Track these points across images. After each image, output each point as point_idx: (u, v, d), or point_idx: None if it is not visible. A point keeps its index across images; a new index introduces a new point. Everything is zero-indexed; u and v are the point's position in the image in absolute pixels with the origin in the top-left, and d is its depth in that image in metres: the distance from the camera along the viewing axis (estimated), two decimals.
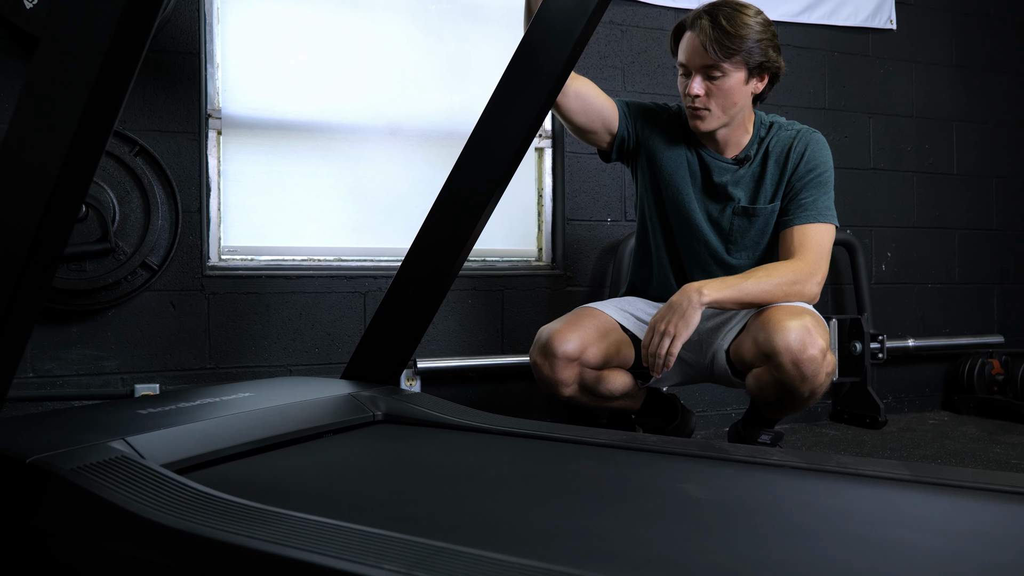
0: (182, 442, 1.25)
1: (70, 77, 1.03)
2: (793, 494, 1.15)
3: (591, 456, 1.35)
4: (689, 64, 1.90)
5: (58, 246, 1.10)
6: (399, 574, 0.77)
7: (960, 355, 3.23)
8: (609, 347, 1.97)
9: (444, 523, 1.02)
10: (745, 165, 2.01)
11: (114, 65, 1.02)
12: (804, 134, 2.01)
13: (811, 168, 1.98)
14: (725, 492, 1.17)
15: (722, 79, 1.89)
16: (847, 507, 1.09)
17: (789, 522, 1.03)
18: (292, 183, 2.50)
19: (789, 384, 1.78)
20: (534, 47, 1.68)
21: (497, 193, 1.74)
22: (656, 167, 2.05)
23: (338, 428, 1.48)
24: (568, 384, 1.93)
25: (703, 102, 1.90)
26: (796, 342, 1.74)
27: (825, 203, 1.98)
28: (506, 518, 1.04)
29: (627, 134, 2.03)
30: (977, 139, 3.38)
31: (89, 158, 1.07)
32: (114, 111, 1.06)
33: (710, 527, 1.01)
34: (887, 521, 1.03)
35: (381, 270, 2.51)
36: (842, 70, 3.14)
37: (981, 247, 3.37)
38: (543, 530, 0.99)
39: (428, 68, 2.66)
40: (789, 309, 1.83)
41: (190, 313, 2.31)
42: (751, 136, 2.02)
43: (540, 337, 1.97)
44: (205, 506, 0.97)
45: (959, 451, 2.49)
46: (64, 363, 2.20)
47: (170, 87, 2.29)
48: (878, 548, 0.92)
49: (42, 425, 1.32)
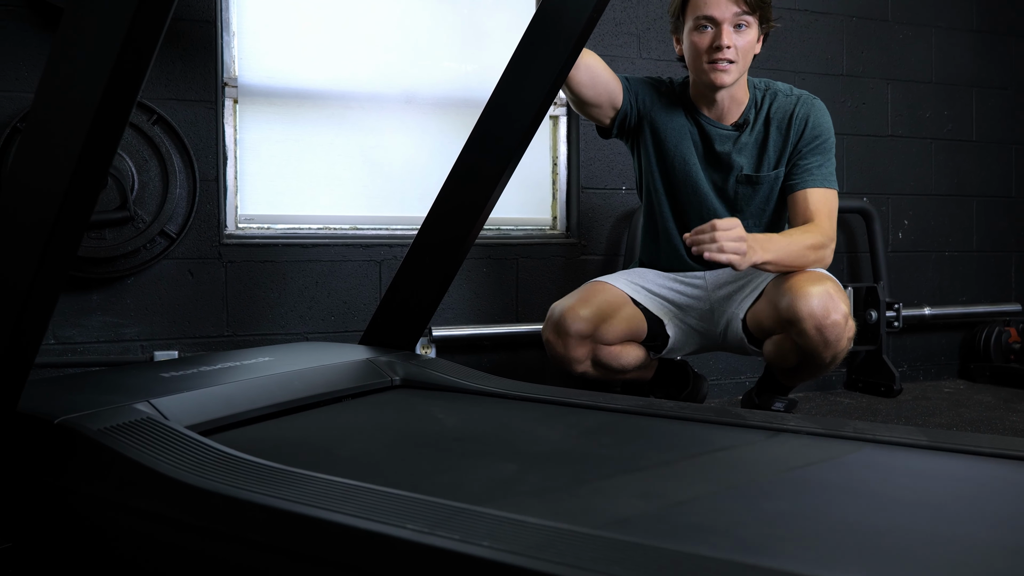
0: (204, 405, 1.27)
1: (94, 48, 1.03)
2: (809, 458, 1.16)
3: (608, 421, 1.37)
4: (720, 15, 1.89)
5: (84, 215, 1.11)
6: (422, 533, 0.79)
7: (976, 323, 3.22)
8: (621, 322, 1.97)
9: (463, 486, 1.04)
10: (745, 131, 2.01)
11: (137, 35, 1.02)
12: (806, 100, 2.01)
13: (816, 135, 1.98)
14: (740, 456, 1.18)
15: (746, 31, 1.92)
16: (863, 470, 1.10)
17: (805, 484, 1.04)
18: (308, 151, 2.51)
19: (812, 350, 1.79)
20: (551, 14, 1.67)
21: (513, 162, 1.74)
22: (660, 139, 2.04)
23: (357, 392, 1.50)
24: (581, 361, 1.94)
25: (732, 54, 1.89)
26: (819, 308, 1.76)
27: (829, 169, 2.01)
28: (523, 480, 1.05)
29: (630, 108, 2.03)
30: (997, 105, 3.34)
31: (114, 128, 1.07)
32: (138, 81, 1.07)
33: (727, 491, 1.02)
34: (903, 483, 1.04)
35: (396, 238, 2.52)
36: (860, 35, 3.10)
37: (999, 215, 3.35)
38: (561, 492, 1.00)
39: (443, 36, 2.65)
40: (810, 275, 1.83)
41: (208, 281, 2.33)
42: (748, 100, 2.01)
43: (552, 314, 1.97)
44: (229, 466, 1.00)
45: (975, 419, 2.49)
46: (85, 330, 2.23)
47: (187, 55, 2.29)
48: (891, 507, 0.93)
49: (68, 388, 1.34)
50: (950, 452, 1.17)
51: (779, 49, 2.96)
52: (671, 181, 2.06)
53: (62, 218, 1.07)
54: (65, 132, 1.05)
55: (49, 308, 1.14)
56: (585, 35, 1.68)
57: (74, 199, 1.07)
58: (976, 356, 3.19)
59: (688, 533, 0.85)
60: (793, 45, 2.99)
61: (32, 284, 1.08)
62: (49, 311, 1.14)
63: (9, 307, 1.09)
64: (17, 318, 1.09)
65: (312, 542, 0.85)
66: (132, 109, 1.10)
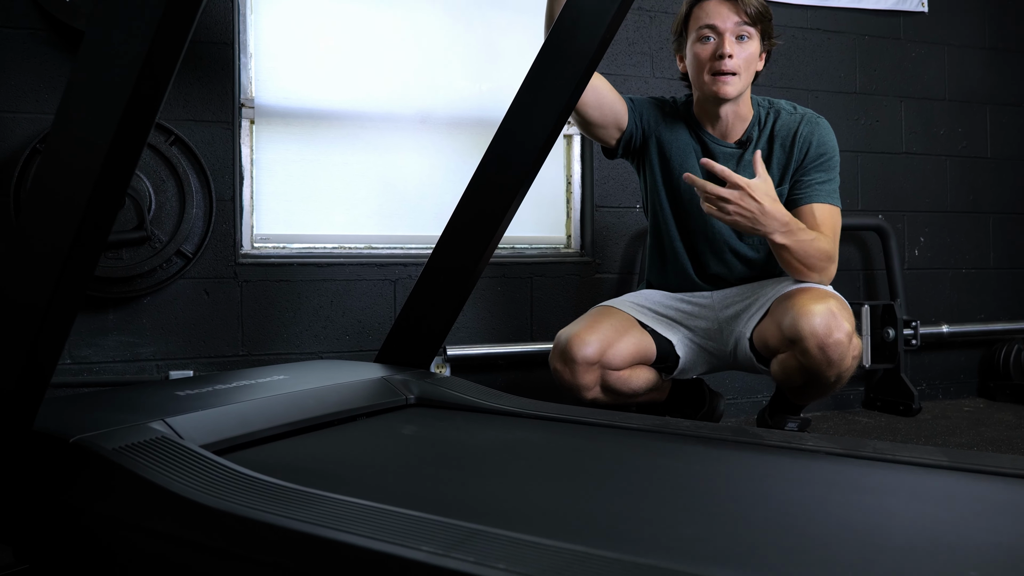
0: (219, 423, 1.27)
1: (114, 70, 1.05)
2: (828, 479, 1.15)
3: (624, 441, 1.36)
4: (722, 25, 1.91)
5: (102, 235, 1.11)
6: (437, 555, 0.78)
7: (995, 341, 3.19)
8: (629, 345, 1.96)
9: (479, 506, 1.03)
10: (748, 148, 2.01)
11: (157, 58, 1.04)
12: (810, 118, 2.01)
13: (821, 153, 1.98)
14: (758, 478, 1.17)
15: (748, 42, 1.93)
16: (883, 492, 1.09)
17: (821, 506, 1.03)
18: (323, 171, 2.53)
19: (815, 369, 1.78)
20: (565, 34, 1.68)
21: (527, 181, 1.74)
22: (665, 159, 2.05)
23: (371, 411, 1.49)
24: (590, 388, 1.92)
25: (735, 64, 1.90)
26: (822, 326, 1.74)
27: (834, 186, 2.00)
28: (539, 501, 1.05)
29: (635, 129, 2.03)
30: (1011, 122, 3.32)
31: (132, 149, 1.08)
32: (157, 103, 1.08)
33: (738, 512, 1.01)
34: (925, 505, 1.03)
35: (411, 257, 2.53)
36: (873, 54, 3.10)
37: (1016, 231, 3.32)
38: (577, 513, 1.00)
39: (457, 56, 2.67)
40: (813, 293, 1.82)
41: (223, 300, 2.34)
42: (752, 118, 2.01)
43: (559, 342, 1.95)
44: (244, 486, 0.99)
45: (996, 438, 2.46)
46: (100, 350, 2.24)
47: (204, 77, 2.31)
48: (913, 530, 0.92)
49: (83, 406, 1.35)
50: (972, 473, 1.15)
51: (792, 67, 2.96)
52: (676, 200, 2.06)
53: (80, 237, 1.07)
54: (84, 153, 1.06)
55: (66, 327, 1.15)
56: (598, 56, 1.68)
57: (92, 219, 1.08)
58: (995, 374, 3.15)
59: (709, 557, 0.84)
60: (806, 64, 2.99)
61: (50, 303, 1.09)
62: (66, 330, 1.15)
63: (26, 326, 1.09)
64: (34, 337, 1.09)
65: (326, 563, 0.84)
66: (151, 130, 1.11)
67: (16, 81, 2.15)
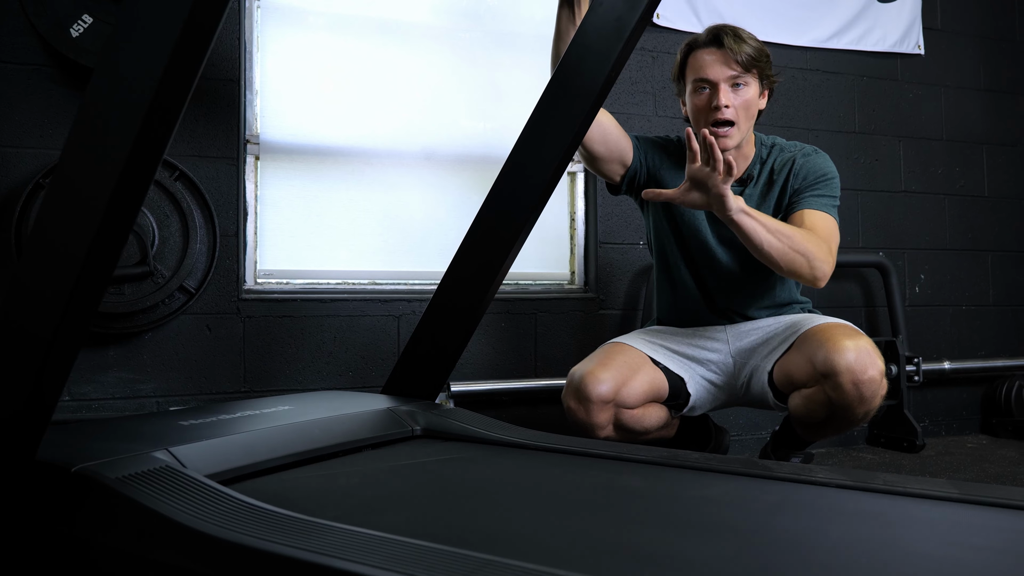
0: (224, 453, 1.26)
1: (122, 107, 1.06)
2: (840, 510, 1.14)
3: (633, 472, 1.35)
4: (715, 76, 1.93)
5: (107, 271, 1.12)
6: None
7: (996, 377, 3.18)
8: (643, 383, 1.94)
9: (486, 537, 1.02)
10: (749, 185, 2.02)
11: (165, 96, 1.05)
12: (807, 150, 2.04)
13: (819, 175, 1.98)
14: (769, 509, 1.16)
15: (745, 89, 1.94)
16: (895, 524, 1.08)
17: (834, 538, 1.02)
18: (327, 207, 2.54)
19: (846, 405, 1.77)
20: (569, 75, 1.70)
21: (532, 219, 1.75)
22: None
23: (377, 442, 1.48)
24: (604, 427, 1.90)
25: (731, 113, 1.91)
26: (857, 363, 1.74)
27: (830, 202, 1.97)
28: (547, 532, 1.03)
29: (639, 166, 2.04)
30: (1008, 162, 3.36)
31: (139, 186, 1.09)
32: (164, 140, 1.09)
33: (755, 545, 0.99)
34: (936, 537, 1.01)
35: (415, 293, 2.53)
36: (872, 94, 3.14)
37: (1015, 269, 3.34)
38: (585, 545, 0.98)
39: (461, 94, 2.69)
40: (844, 329, 1.83)
41: (226, 336, 2.33)
42: (754, 156, 2.03)
43: (572, 380, 1.92)
44: (249, 517, 0.98)
45: (1000, 474, 2.45)
46: (100, 386, 2.23)
47: (210, 113, 2.33)
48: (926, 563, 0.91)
49: (85, 435, 1.33)
50: (983, 505, 1.14)
51: (792, 107, 2.99)
52: (681, 236, 2.07)
53: (85, 273, 1.08)
54: (91, 189, 1.07)
55: (69, 362, 1.14)
56: (604, 93, 1.71)
57: (98, 255, 1.08)
58: (997, 410, 3.14)
59: None
60: (807, 104, 3.03)
61: (54, 338, 1.08)
62: (69, 365, 1.15)
63: (30, 360, 1.09)
64: (38, 372, 1.09)
65: None
66: (158, 167, 1.12)
67: (20, 116, 2.17)
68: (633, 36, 1.67)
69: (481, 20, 2.73)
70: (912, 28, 3.18)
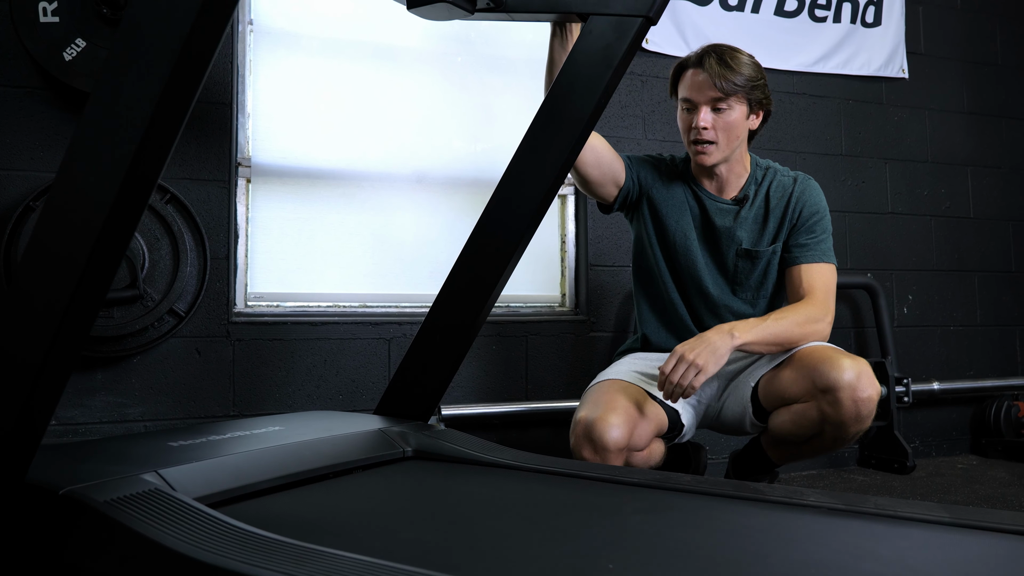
0: (214, 475, 1.25)
1: (118, 132, 1.06)
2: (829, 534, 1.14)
3: (624, 494, 1.34)
4: (696, 98, 1.96)
5: (99, 295, 1.11)
6: None
7: (986, 397, 3.20)
8: (649, 423, 1.89)
9: (478, 560, 1.02)
10: (745, 205, 2.04)
11: (161, 122, 1.05)
12: (802, 180, 2.07)
13: (813, 212, 2.02)
14: (756, 532, 1.16)
15: (727, 112, 1.96)
16: (884, 549, 1.08)
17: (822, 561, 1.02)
18: (318, 230, 2.54)
19: (841, 422, 1.78)
20: (561, 98, 1.72)
21: (524, 241, 1.76)
22: (660, 216, 2.07)
23: (368, 464, 1.47)
24: None
25: (710, 135, 1.95)
26: (856, 380, 1.76)
27: (827, 245, 2.02)
28: (539, 555, 1.03)
29: (632, 185, 2.07)
30: (992, 183, 3.40)
31: (133, 210, 1.09)
32: (158, 168, 1.09)
33: (746, 568, 0.99)
34: (925, 563, 1.01)
35: (406, 316, 2.53)
36: (857, 117, 3.18)
37: (1001, 289, 3.36)
38: (575, 567, 0.98)
39: (453, 117, 2.71)
40: (842, 351, 1.86)
41: (215, 360, 2.32)
42: (748, 176, 2.05)
43: (584, 428, 1.82)
44: (238, 541, 0.97)
45: (990, 496, 2.45)
46: (87, 410, 2.21)
47: (202, 136, 2.34)
48: None
49: (73, 456, 1.32)
50: (974, 529, 1.14)
51: (780, 131, 3.02)
52: (671, 255, 2.08)
53: (77, 297, 1.07)
54: (84, 213, 1.06)
55: (60, 386, 1.14)
56: (592, 121, 1.72)
57: (90, 280, 1.08)
58: (987, 431, 3.16)
59: None
60: (793, 127, 3.06)
61: (44, 362, 1.08)
62: (59, 389, 1.14)
63: (20, 384, 1.08)
64: (28, 396, 1.08)
65: None
66: (152, 191, 1.12)
67: (11, 139, 2.16)
68: (622, 64, 1.70)
69: (472, 44, 2.75)
70: (896, 53, 3.23)
